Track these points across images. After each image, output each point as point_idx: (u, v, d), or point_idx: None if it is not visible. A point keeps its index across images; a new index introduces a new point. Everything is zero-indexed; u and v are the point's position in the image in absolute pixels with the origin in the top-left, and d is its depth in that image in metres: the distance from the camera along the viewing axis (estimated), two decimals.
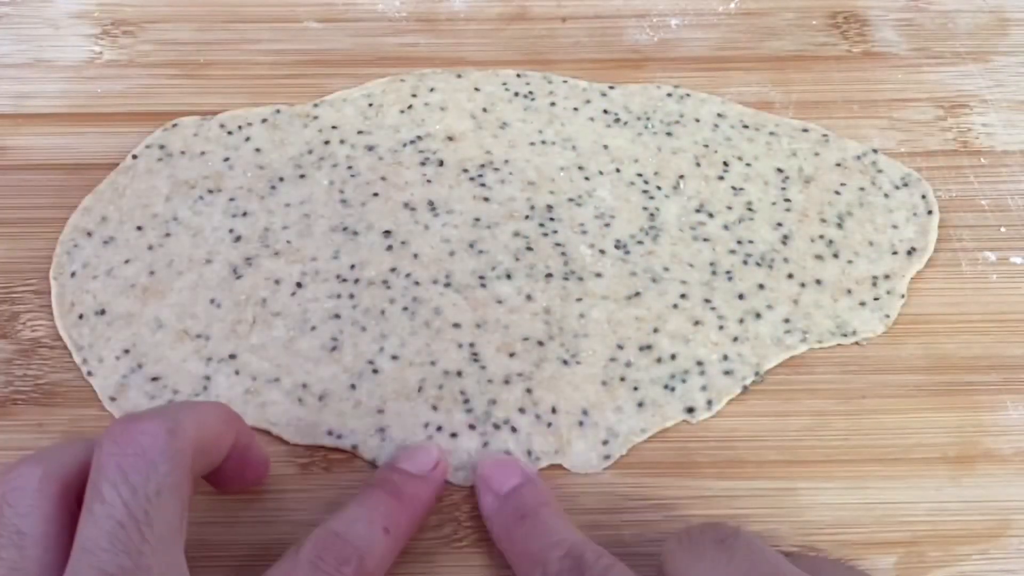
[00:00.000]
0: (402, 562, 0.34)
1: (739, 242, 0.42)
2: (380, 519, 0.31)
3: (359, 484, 0.36)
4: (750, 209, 0.43)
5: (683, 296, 0.40)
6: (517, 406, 0.37)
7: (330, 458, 0.37)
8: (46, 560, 0.26)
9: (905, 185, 0.44)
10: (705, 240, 0.42)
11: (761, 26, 0.51)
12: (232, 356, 0.38)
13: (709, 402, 0.38)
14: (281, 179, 0.44)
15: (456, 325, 0.39)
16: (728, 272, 0.41)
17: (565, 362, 0.38)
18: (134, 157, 0.44)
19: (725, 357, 0.39)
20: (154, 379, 0.38)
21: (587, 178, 0.44)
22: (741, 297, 0.40)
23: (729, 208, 0.43)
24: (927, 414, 0.38)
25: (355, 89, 0.47)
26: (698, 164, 0.44)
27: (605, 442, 0.37)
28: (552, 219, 0.42)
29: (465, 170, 0.44)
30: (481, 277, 0.41)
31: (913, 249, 0.42)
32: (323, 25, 0.50)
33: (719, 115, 0.46)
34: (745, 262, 0.41)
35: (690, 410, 0.38)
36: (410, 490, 0.33)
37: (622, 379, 0.38)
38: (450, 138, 0.45)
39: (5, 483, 0.27)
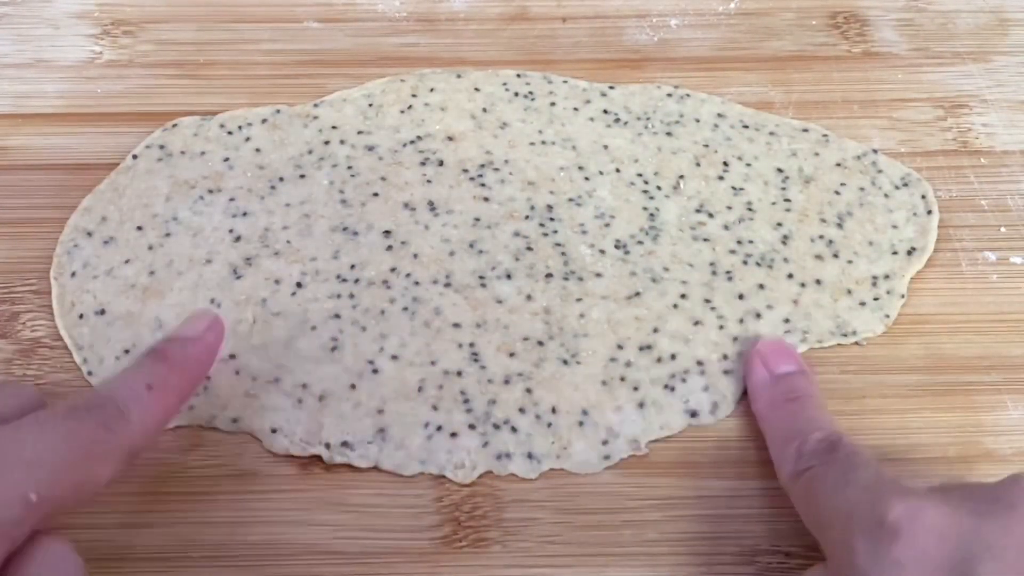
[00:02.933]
0: (402, 562, 0.34)
1: (739, 242, 0.42)
2: (143, 377, 0.32)
3: (359, 484, 0.36)
4: (750, 209, 0.43)
5: (683, 296, 0.40)
6: (517, 406, 0.37)
7: None
8: None
9: (905, 185, 0.44)
10: (705, 240, 0.42)
11: (761, 26, 0.51)
12: (232, 356, 0.38)
13: (716, 404, 0.38)
14: (281, 179, 0.44)
15: (456, 325, 0.39)
16: (728, 272, 0.41)
17: (565, 362, 0.38)
18: (134, 157, 0.44)
19: (725, 357, 0.39)
20: None
21: (587, 178, 0.44)
22: (741, 297, 0.40)
23: (729, 208, 0.43)
24: (927, 414, 0.38)
25: (355, 89, 0.47)
26: (698, 164, 0.44)
27: (605, 442, 0.37)
28: (552, 219, 0.42)
29: (465, 170, 0.44)
30: (481, 277, 0.41)
31: (913, 249, 0.42)
32: (323, 25, 0.50)
33: (719, 115, 0.46)
34: (745, 262, 0.41)
35: (693, 414, 0.38)
36: (177, 350, 0.34)
37: (622, 379, 0.38)
38: (450, 138, 0.45)
39: None
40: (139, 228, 0.42)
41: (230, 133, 0.45)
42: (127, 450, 0.30)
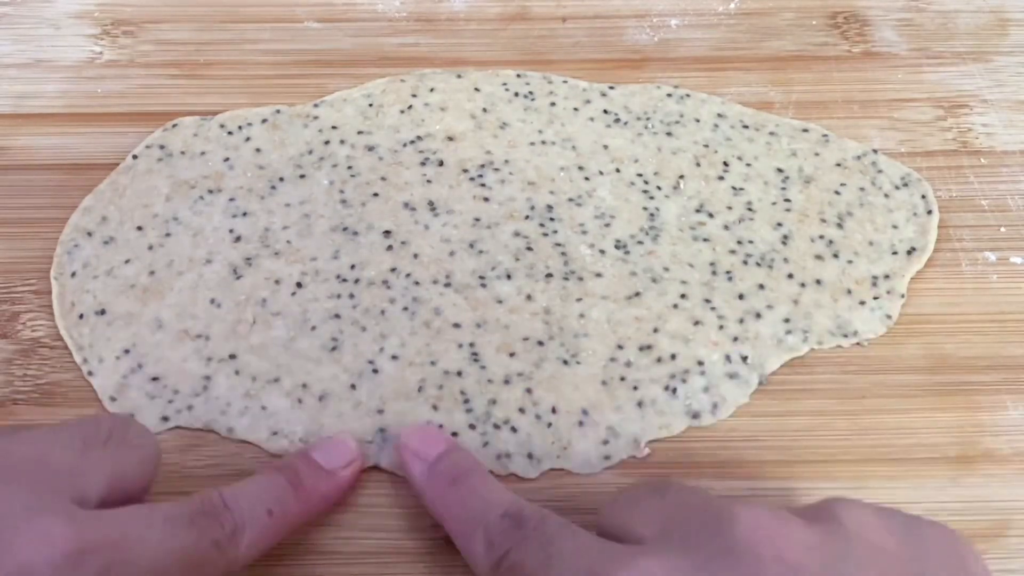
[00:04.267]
0: (402, 562, 0.34)
1: (739, 242, 0.42)
2: (269, 501, 0.31)
3: (359, 484, 0.36)
4: (750, 209, 0.43)
5: (683, 296, 0.40)
6: (517, 406, 0.37)
7: None
8: None
9: (905, 185, 0.44)
10: (705, 240, 0.42)
11: (761, 26, 0.51)
12: (232, 356, 0.38)
13: (715, 405, 0.38)
14: (281, 179, 0.44)
15: (456, 325, 0.39)
16: (728, 272, 0.41)
17: (565, 362, 0.38)
18: (134, 157, 0.44)
19: (728, 358, 0.39)
20: (154, 379, 0.38)
21: (587, 178, 0.44)
22: (741, 297, 0.40)
23: (729, 208, 0.43)
24: (927, 414, 0.38)
25: (355, 89, 0.47)
26: (698, 164, 0.44)
27: (605, 442, 0.37)
28: (552, 219, 0.42)
29: (465, 170, 0.44)
30: (481, 277, 0.41)
31: (913, 249, 0.42)
32: (323, 25, 0.50)
33: (719, 115, 0.46)
34: (745, 262, 0.41)
35: (694, 415, 0.38)
36: (311, 482, 0.33)
37: (622, 379, 0.38)
38: (450, 138, 0.45)
39: None
40: (139, 228, 0.42)
41: (230, 133, 0.45)
42: (224, 571, 0.30)
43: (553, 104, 0.47)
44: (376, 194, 0.43)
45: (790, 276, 0.41)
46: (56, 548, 0.25)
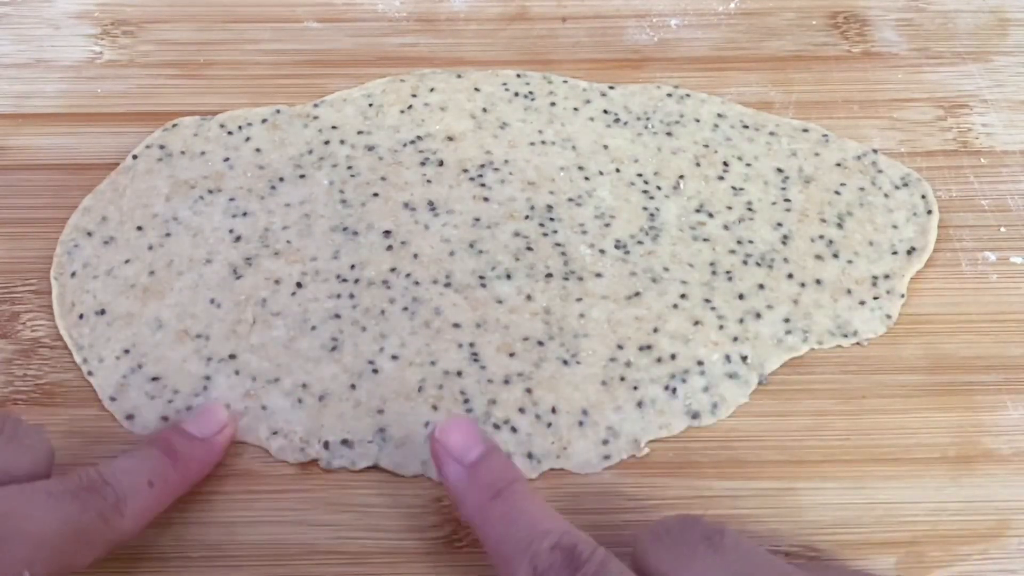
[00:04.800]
0: (402, 562, 0.34)
1: (739, 242, 0.42)
2: (147, 472, 0.32)
3: (359, 484, 0.36)
4: (750, 209, 0.43)
5: (683, 296, 0.40)
6: (517, 406, 0.37)
7: None
8: None
9: (905, 185, 0.44)
10: (705, 240, 0.42)
11: (761, 26, 0.51)
12: (232, 356, 0.38)
13: (715, 405, 0.38)
14: (281, 179, 0.44)
15: (456, 325, 0.39)
16: (728, 272, 0.41)
17: (565, 362, 0.38)
18: (134, 157, 0.44)
19: (728, 358, 0.39)
20: (154, 379, 0.38)
21: (587, 178, 0.44)
22: (741, 297, 0.40)
23: (729, 208, 0.43)
24: (927, 414, 0.38)
25: (355, 89, 0.47)
26: (698, 164, 0.44)
27: (605, 442, 0.37)
28: (552, 219, 0.42)
29: (465, 170, 0.44)
30: (481, 277, 0.41)
31: (913, 249, 0.42)
32: (323, 25, 0.50)
33: (719, 115, 0.46)
34: (745, 262, 0.41)
35: (694, 415, 0.38)
36: (186, 451, 0.34)
37: (622, 379, 0.38)
38: (450, 138, 0.45)
39: None
40: (139, 228, 0.42)
41: (230, 133, 0.45)
42: (114, 542, 0.31)
43: (553, 104, 0.47)
44: (376, 194, 0.43)
45: (790, 276, 0.41)
46: None
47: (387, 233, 0.42)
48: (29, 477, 0.31)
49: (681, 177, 0.44)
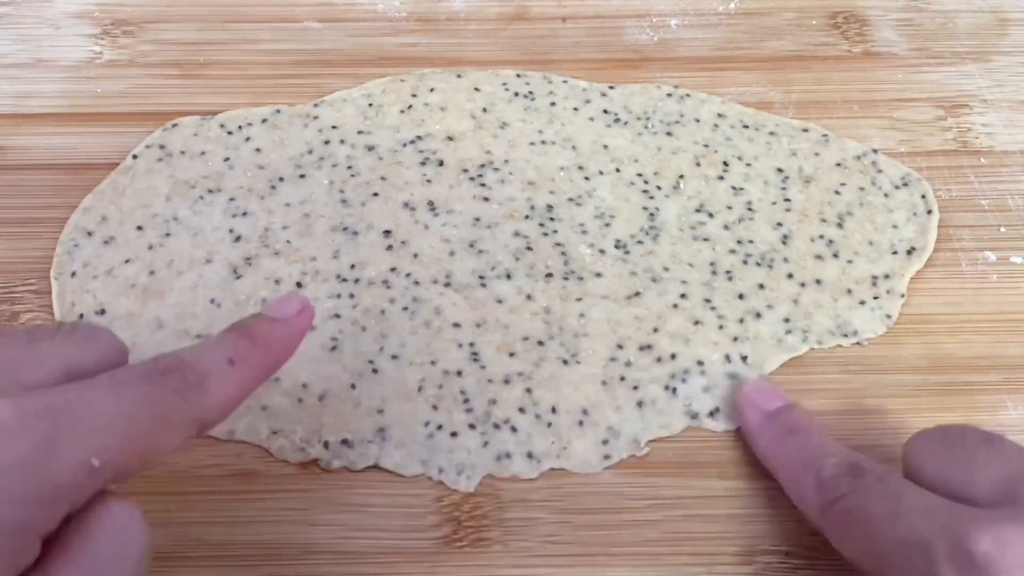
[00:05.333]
0: (402, 562, 0.34)
1: (739, 242, 0.42)
2: (226, 350, 0.31)
3: (359, 484, 0.36)
4: (750, 209, 0.43)
5: (683, 296, 0.40)
6: (517, 406, 0.37)
7: None
8: None
9: (905, 185, 0.44)
10: (705, 240, 0.42)
11: (761, 26, 0.51)
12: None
13: (717, 409, 0.38)
14: (281, 179, 0.44)
15: (456, 325, 0.39)
16: (728, 272, 0.41)
17: (565, 362, 0.38)
18: (134, 157, 0.44)
19: (728, 358, 0.39)
20: None
21: (587, 178, 0.44)
22: (741, 297, 0.40)
23: (729, 208, 0.43)
24: (927, 414, 0.38)
25: (355, 89, 0.47)
26: (698, 164, 0.44)
27: (605, 442, 0.37)
28: (552, 219, 0.42)
29: (465, 170, 0.44)
30: (481, 277, 0.41)
31: (913, 249, 0.42)
32: (323, 25, 0.50)
33: (719, 115, 0.46)
34: (745, 262, 0.41)
35: (694, 415, 0.38)
36: (264, 330, 0.33)
37: (622, 379, 0.38)
38: (450, 138, 0.45)
39: None
40: (139, 228, 0.42)
41: (230, 133, 0.45)
42: (199, 422, 0.29)
43: (553, 104, 0.47)
44: (376, 194, 0.43)
45: (790, 276, 0.41)
46: None
47: (387, 233, 0.42)
48: (99, 371, 0.29)
49: (681, 177, 0.44)
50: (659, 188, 0.44)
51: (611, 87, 0.47)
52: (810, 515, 0.33)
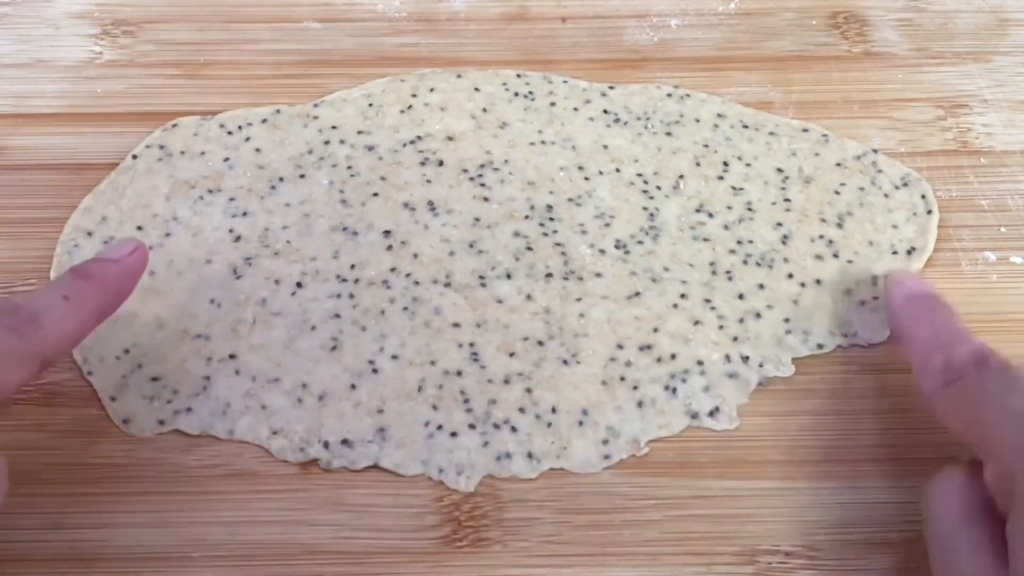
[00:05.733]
0: (402, 562, 0.34)
1: (739, 242, 0.42)
2: (60, 288, 0.33)
3: (359, 484, 0.36)
4: (750, 209, 0.43)
5: (683, 296, 0.40)
6: (517, 406, 0.37)
7: None
8: None
9: (905, 185, 0.44)
10: (705, 240, 0.42)
11: (761, 26, 0.51)
12: (232, 356, 0.38)
13: (717, 408, 0.38)
14: (281, 179, 0.44)
15: (456, 325, 0.39)
16: (728, 272, 0.41)
17: (565, 362, 0.38)
18: (134, 157, 0.44)
19: (728, 358, 0.39)
20: (154, 379, 0.38)
21: (587, 178, 0.44)
22: (741, 297, 0.40)
23: (729, 208, 0.43)
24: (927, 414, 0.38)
25: (355, 89, 0.47)
26: (698, 164, 0.44)
27: (605, 442, 0.37)
28: (552, 219, 0.42)
29: (465, 170, 0.44)
30: (481, 277, 0.41)
31: (913, 249, 0.42)
32: (323, 25, 0.50)
33: (719, 115, 0.46)
34: (745, 262, 0.41)
35: (694, 415, 0.38)
36: (98, 269, 0.35)
37: (622, 379, 0.38)
38: (450, 138, 0.45)
39: None
40: (139, 228, 0.42)
41: (230, 133, 0.45)
42: (38, 357, 0.31)
43: (553, 104, 0.47)
44: (376, 194, 0.43)
45: (790, 276, 0.41)
46: None
47: (387, 233, 0.42)
48: None
49: (681, 177, 0.44)
50: (659, 188, 0.44)
51: (611, 87, 0.47)
52: (924, 393, 0.34)
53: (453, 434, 0.37)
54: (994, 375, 0.32)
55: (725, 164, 0.44)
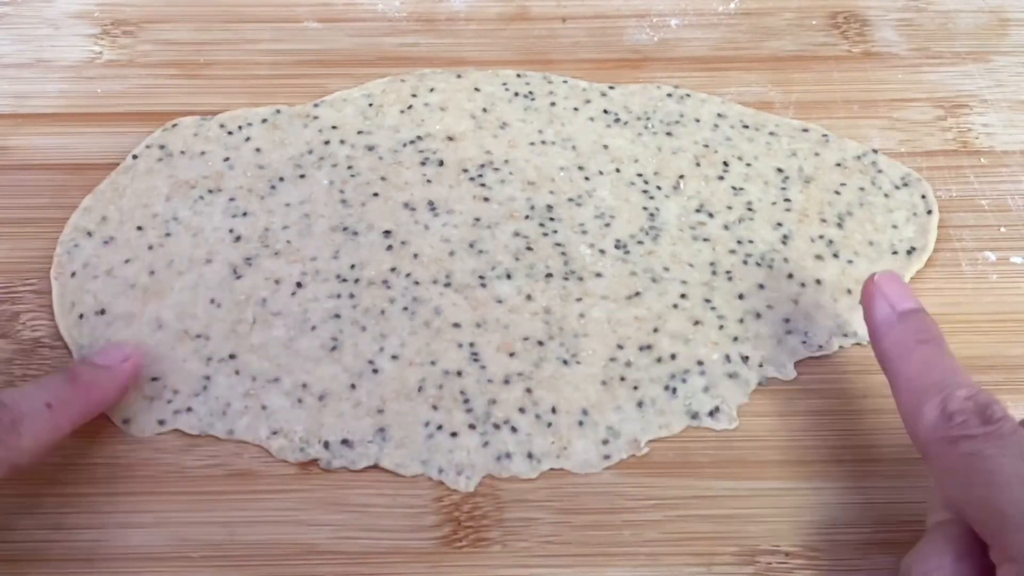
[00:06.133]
0: (402, 562, 0.34)
1: (739, 242, 0.42)
2: (46, 396, 0.32)
3: (359, 484, 0.36)
4: (750, 209, 0.43)
5: (683, 296, 0.40)
6: (517, 406, 0.37)
7: None
8: None
9: (905, 185, 0.44)
10: (705, 240, 0.42)
11: (761, 26, 0.51)
12: (232, 356, 0.38)
13: (717, 408, 0.38)
14: (281, 179, 0.44)
15: (456, 325, 0.39)
16: (728, 272, 0.41)
17: (565, 362, 0.38)
18: (134, 157, 0.44)
19: (728, 358, 0.39)
20: (154, 379, 0.38)
21: (587, 178, 0.44)
22: (741, 297, 0.40)
23: (729, 208, 0.43)
24: None
25: (355, 89, 0.47)
26: (698, 164, 0.44)
27: (605, 442, 0.37)
28: (552, 219, 0.42)
29: (465, 170, 0.44)
30: (481, 277, 0.41)
31: (913, 249, 0.42)
32: (323, 25, 0.50)
33: (719, 115, 0.46)
34: (745, 262, 0.41)
35: (694, 415, 0.38)
36: (88, 376, 0.34)
37: (622, 379, 0.38)
38: (450, 138, 0.45)
39: None
40: (139, 228, 0.42)
41: (230, 133, 0.45)
42: (9, 463, 0.30)
43: (553, 104, 0.47)
44: (376, 194, 0.43)
45: (790, 276, 0.41)
46: None
47: (387, 233, 0.42)
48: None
49: (681, 177, 0.44)
50: (659, 188, 0.44)
51: (611, 87, 0.47)
52: (917, 439, 0.31)
53: (453, 434, 0.37)
54: (1007, 446, 0.28)
55: (725, 164, 0.44)
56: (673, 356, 0.39)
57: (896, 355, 0.32)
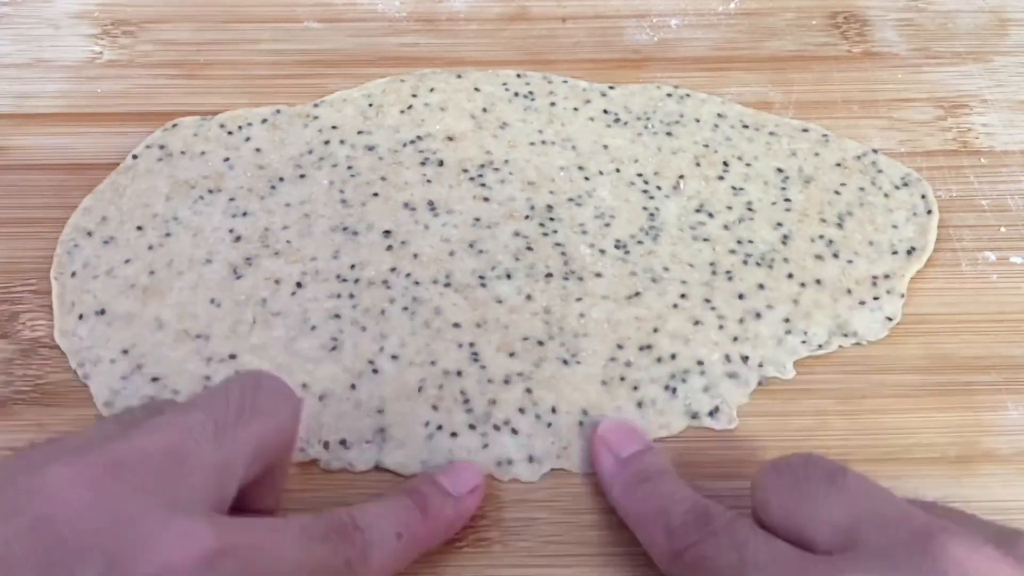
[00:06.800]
0: None
1: (739, 242, 0.42)
2: (397, 524, 0.31)
3: (359, 484, 0.36)
4: (750, 209, 0.43)
5: (683, 296, 0.40)
6: (517, 406, 0.37)
7: None
8: None
9: (905, 185, 0.44)
10: (705, 240, 0.42)
11: (761, 26, 0.51)
12: (232, 356, 0.38)
13: (717, 408, 0.38)
14: (281, 179, 0.44)
15: (456, 325, 0.39)
16: (728, 272, 0.41)
17: (565, 362, 0.38)
18: (134, 157, 0.44)
19: (728, 358, 0.39)
20: (154, 379, 0.38)
21: (587, 178, 0.44)
22: (741, 297, 0.40)
23: (729, 208, 0.43)
24: (927, 414, 0.38)
25: (355, 89, 0.47)
26: (698, 164, 0.44)
27: None
28: (552, 219, 0.42)
29: (465, 170, 0.44)
30: (481, 277, 0.41)
31: (913, 249, 0.42)
32: (323, 25, 0.50)
33: (719, 115, 0.46)
34: (745, 262, 0.41)
35: (693, 415, 0.38)
36: (436, 506, 0.33)
37: (622, 379, 0.38)
38: (450, 138, 0.45)
39: None
40: (139, 228, 0.42)
41: (230, 133, 0.45)
42: None
43: (553, 104, 0.47)
44: (376, 194, 0.43)
45: (790, 276, 0.41)
46: (197, 548, 0.25)
47: (387, 233, 0.42)
48: (278, 449, 0.30)
49: (681, 177, 0.44)
50: (659, 188, 0.44)
51: (611, 87, 0.47)
52: (660, 565, 0.31)
53: (453, 434, 0.37)
54: (722, 540, 0.29)
55: (725, 164, 0.44)
56: (673, 356, 0.39)
57: (624, 501, 0.34)
